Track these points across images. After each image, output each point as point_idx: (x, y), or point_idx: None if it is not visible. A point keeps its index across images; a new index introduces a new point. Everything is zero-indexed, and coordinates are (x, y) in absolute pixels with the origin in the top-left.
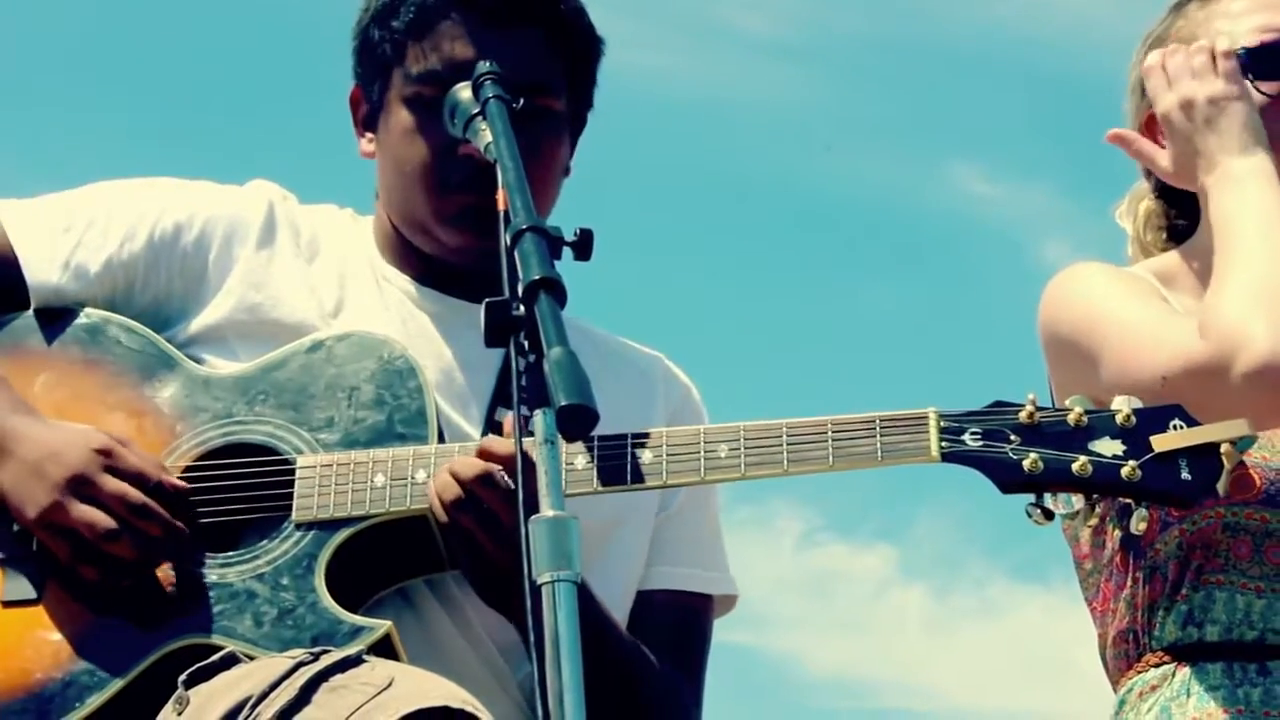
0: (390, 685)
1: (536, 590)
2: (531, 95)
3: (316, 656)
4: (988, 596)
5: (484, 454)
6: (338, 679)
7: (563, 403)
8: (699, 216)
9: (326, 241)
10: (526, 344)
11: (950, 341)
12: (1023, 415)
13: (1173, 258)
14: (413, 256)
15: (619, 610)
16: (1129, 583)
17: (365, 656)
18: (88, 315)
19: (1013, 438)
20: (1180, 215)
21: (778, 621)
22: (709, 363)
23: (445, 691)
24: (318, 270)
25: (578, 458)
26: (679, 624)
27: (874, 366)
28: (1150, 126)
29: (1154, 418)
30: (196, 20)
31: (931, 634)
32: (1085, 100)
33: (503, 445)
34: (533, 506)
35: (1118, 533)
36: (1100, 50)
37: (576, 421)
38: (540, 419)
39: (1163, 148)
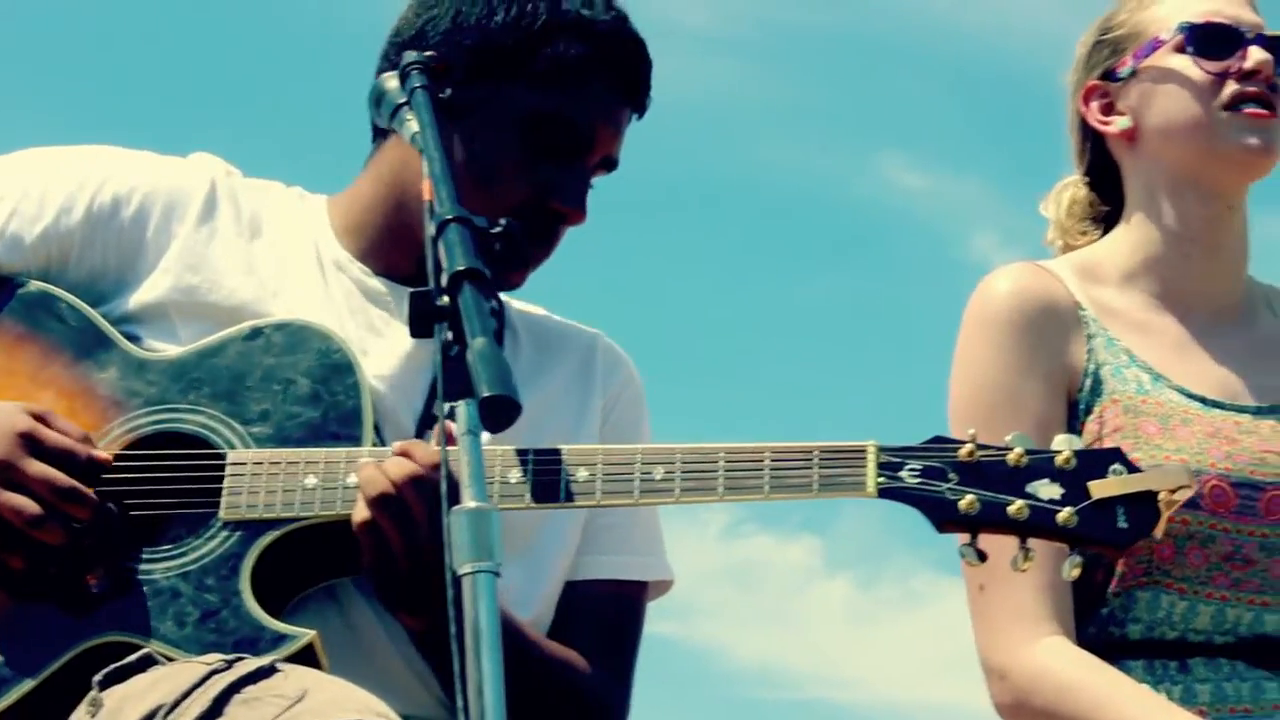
0: (303, 698)
1: (457, 581)
2: (607, 171)
3: (230, 664)
4: (911, 588)
5: (403, 454)
6: (250, 690)
7: (485, 394)
8: (634, 206)
9: (269, 220)
10: (451, 335)
11: (879, 332)
12: (962, 453)
13: (1097, 249)
14: (378, 244)
15: (550, 601)
16: None
17: (279, 666)
18: (26, 287)
19: (951, 476)
20: (1105, 202)
21: (702, 612)
22: (646, 349)
23: (359, 704)
24: (258, 250)
25: (513, 471)
26: (611, 614)
27: (804, 355)
28: (1088, 98)
29: (1094, 461)
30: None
31: (855, 625)
32: (1015, 92)
33: (422, 449)
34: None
35: None
36: (1030, 43)
37: (499, 412)
38: (463, 410)
39: (1104, 120)
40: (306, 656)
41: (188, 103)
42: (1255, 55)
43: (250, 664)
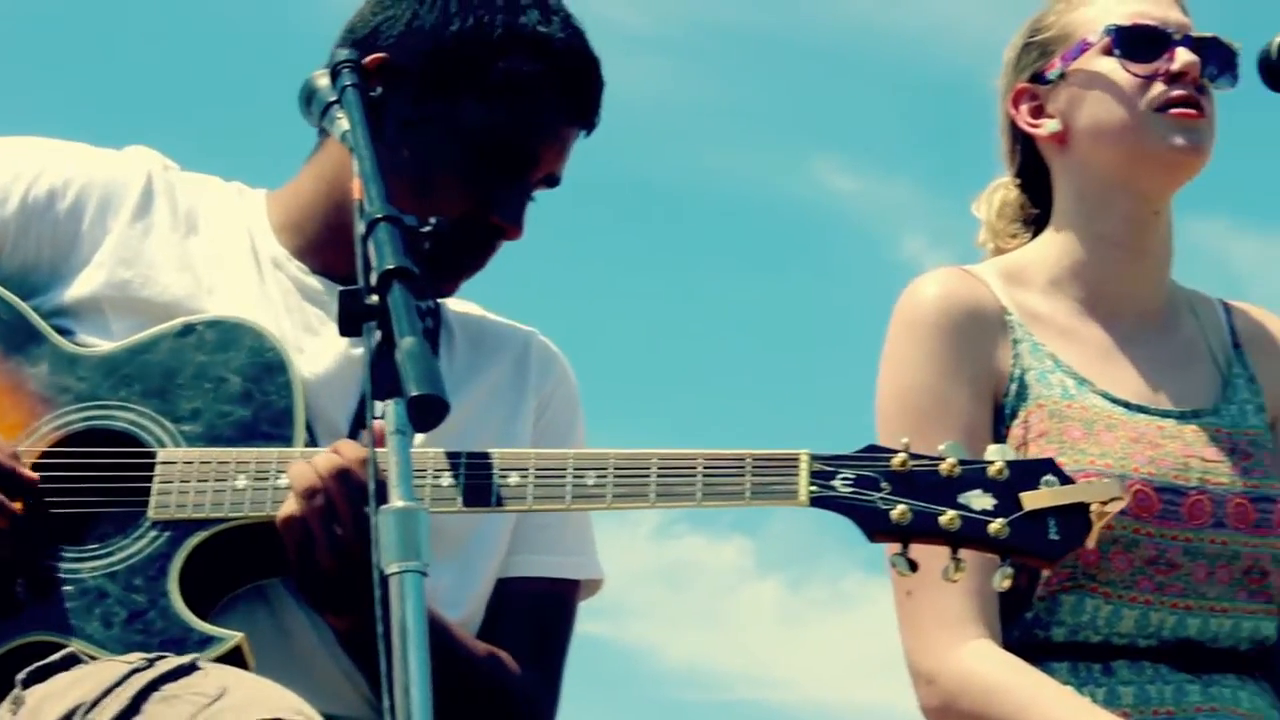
0: (222, 695)
1: (385, 581)
2: (547, 186)
3: (151, 663)
4: (841, 589)
5: (333, 451)
6: (169, 688)
7: (413, 393)
8: (566, 206)
9: (206, 216)
10: (380, 334)
11: (812, 334)
12: (895, 462)
13: (1024, 254)
14: (316, 242)
15: (481, 601)
16: None
17: (200, 664)
18: None
19: (883, 485)
20: (1035, 204)
21: (633, 612)
22: (580, 350)
23: (278, 702)
24: (194, 246)
25: (444, 476)
26: (541, 613)
27: (738, 357)
28: (1017, 100)
29: (1026, 471)
30: None
31: (785, 626)
32: (947, 94)
33: (351, 448)
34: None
35: None
36: (962, 45)
37: (427, 412)
38: (391, 410)
39: (1033, 123)
40: (234, 658)
41: (124, 95)
42: (1182, 57)
43: (171, 662)
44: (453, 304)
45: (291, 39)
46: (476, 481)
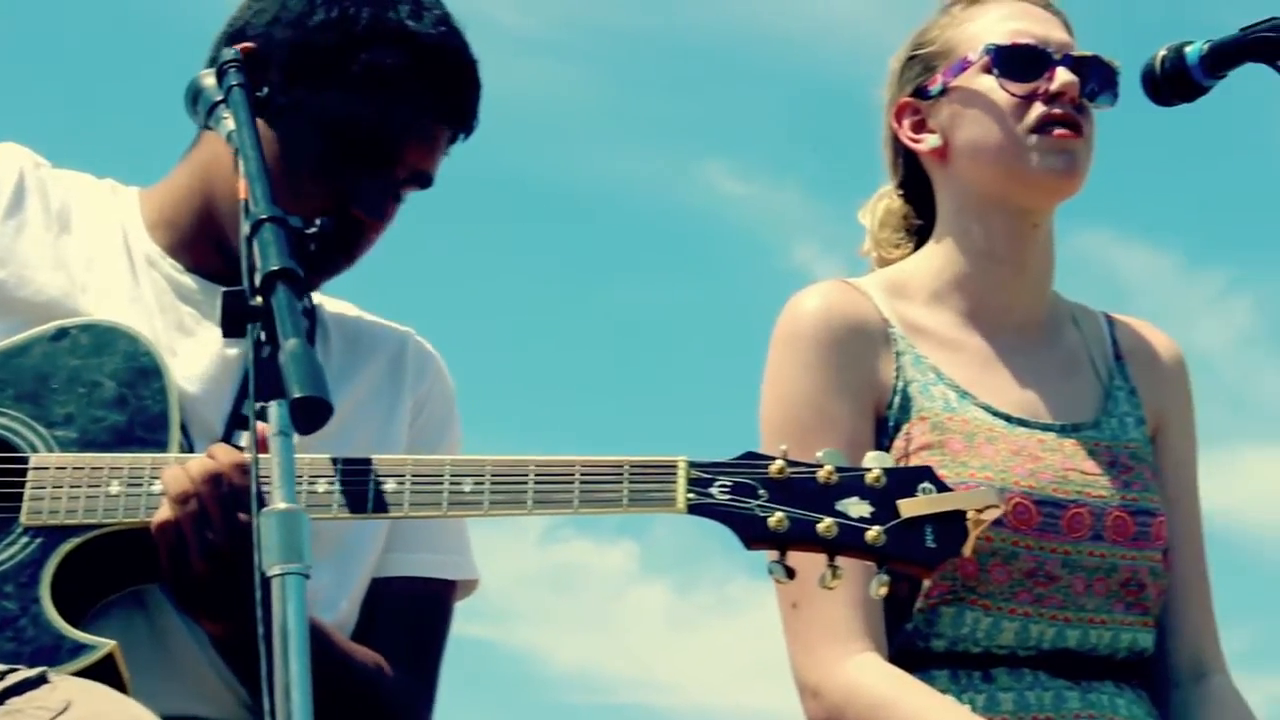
0: (66, 709)
1: (266, 583)
2: (420, 186)
3: (2, 675)
4: (727, 594)
5: (212, 458)
6: (14, 702)
7: (296, 395)
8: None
9: (79, 213)
10: (264, 335)
11: (701, 340)
12: (773, 469)
13: (906, 266)
14: (189, 239)
15: (357, 602)
16: None
17: (50, 677)
18: None
19: (761, 492)
20: (919, 215)
21: (519, 616)
22: (459, 351)
23: (124, 716)
24: (68, 244)
25: (320, 481)
26: (417, 613)
27: (625, 362)
28: (900, 114)
29: (904, 479)
30: None
31: (672, 631)
32: (836, 101)
33: (226, 452)
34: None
35: None
36: (852, 52)
37: (310, 414)
38: (274, 411)
39: (915, 138)
40: (107, 665)
41: None
42: (1061, 77)
43: (19, 675)
44: (329, 304)
45: (171, 35)
46: (353, 488)
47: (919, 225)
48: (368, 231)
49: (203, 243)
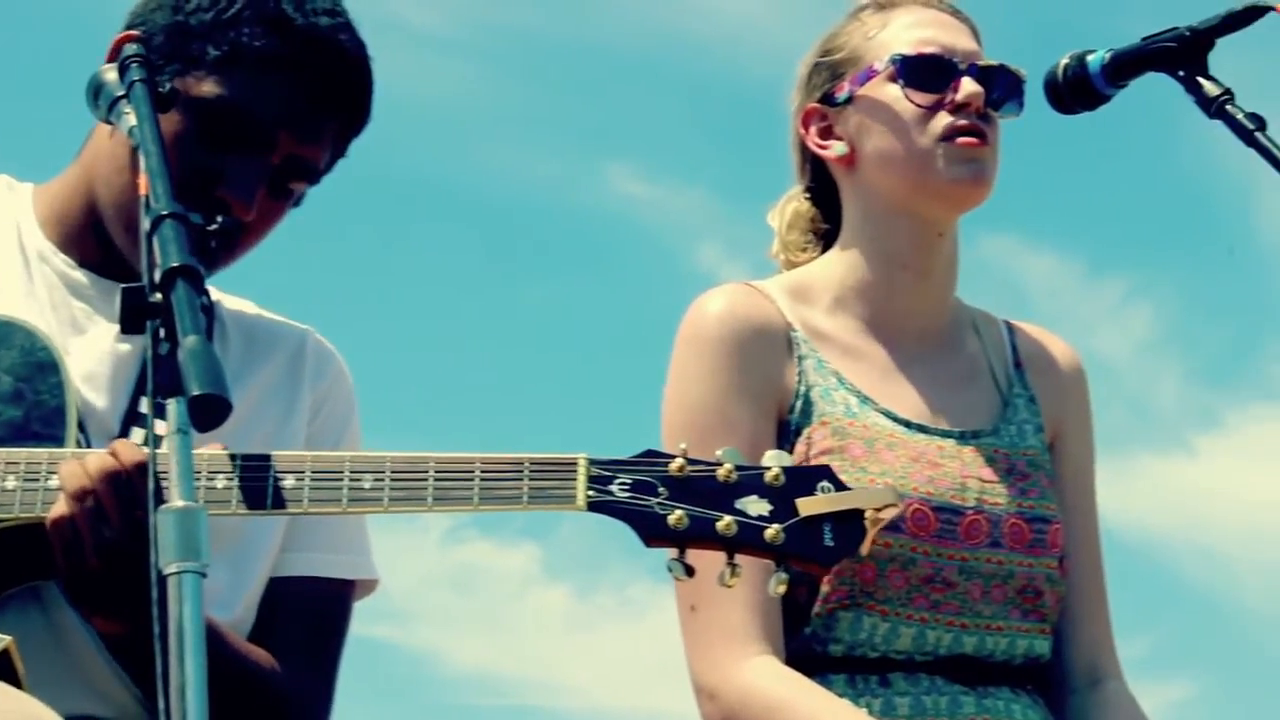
0: None
1: (162, 581)
2: (303, 179)
3: None
4: (628, 596)
5: (113, 454)
6: None
7: (195, 392)
8: (355, 204)
9: None
10: (163, 332)
11: (603, 342)
12: (673, 467)
13: (810, 270)
14: (81, 235)
15: (254, 601)
16: None
17: None
18: None
19: (661, 490)
20: (826, 219)
21: (420, 616)
22: (361, 350)
23: (21, 712)
24: None
25: (219, 477)
26: (314, 612)
27: (527, 362)
28: (807, 120)
29: (803, 478)
30: None
31: (573, 633)
32: (743, 104)
33: (127, 449)
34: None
35: None
36: (758, 54)
37: (209, 411)
38: (173, 408)
39: (822, 144)
40: (2, 661)
41: None
42: (967, 87)
43: None
44: (228, 301)
45: (74, 29)
46: (252, 484)
47: (826, 229)
48: (240, 215)
49: (92, 238)
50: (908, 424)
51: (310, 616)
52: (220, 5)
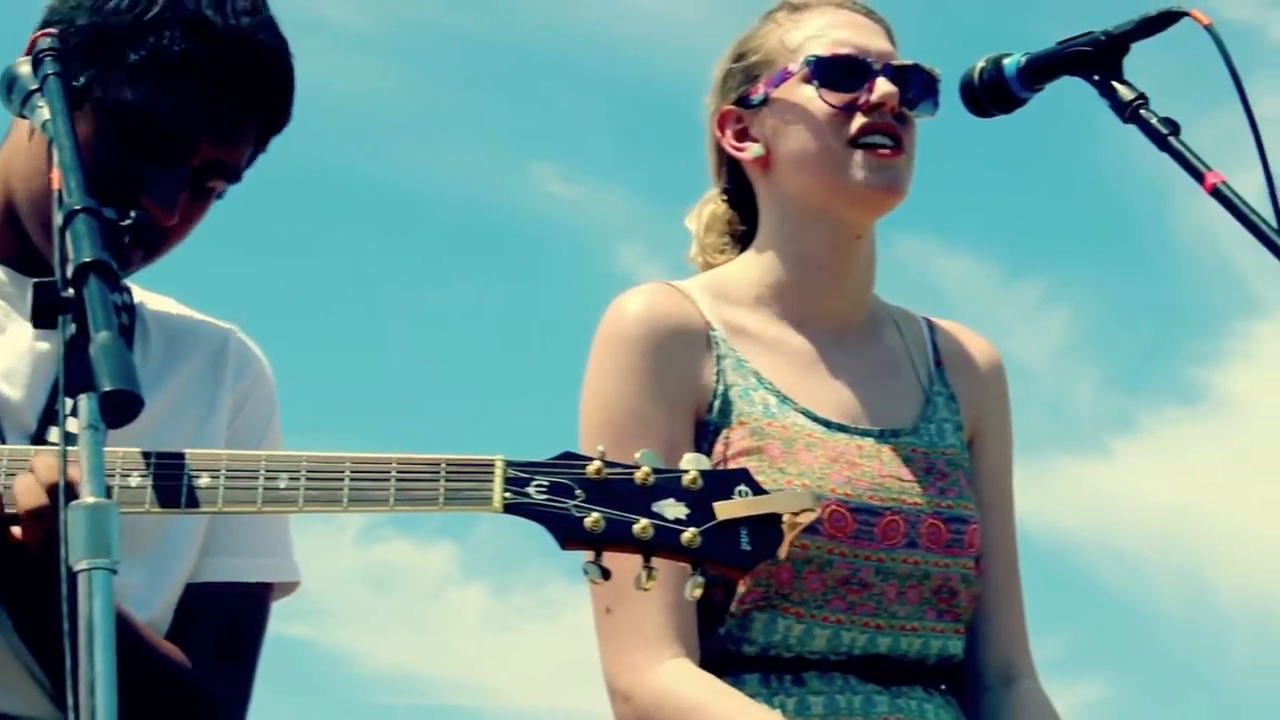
0: None
1: (73, 577)
2: (223, 179)
3: None
4: (546, 596)
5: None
6: None
7: (106, 388)
8: (275, 201)
9: None
10: (75, 327)
11: (524, 342)
12: (590, 469)
13: (729, 270)
14: (2, 234)
15: (172, 603)
16: None
17: None
18: None
19: (578, 493)
20: (743, 221)
21: (336, 615)
22: (283, 347)
23: None
24: None
25: (133, 475)
26: (232, 616)
27: (449, 362)
28: (723, 122)
29: (720, 482)
30: None
31: (490, 632)
32: (663, 105)
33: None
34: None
35: None
36: (679, 56)
37: (119, 407)
38: (84, 404)
39: (737, 146)
40: None
41: None
42: (881, 88)
43: None
44: (150, 300)
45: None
46: (166, 482)
47: (743, 231)
48: (162, 223)
49: (9, 235)
50: (827, 423)
51: (228, 618)
52: (140, 7)
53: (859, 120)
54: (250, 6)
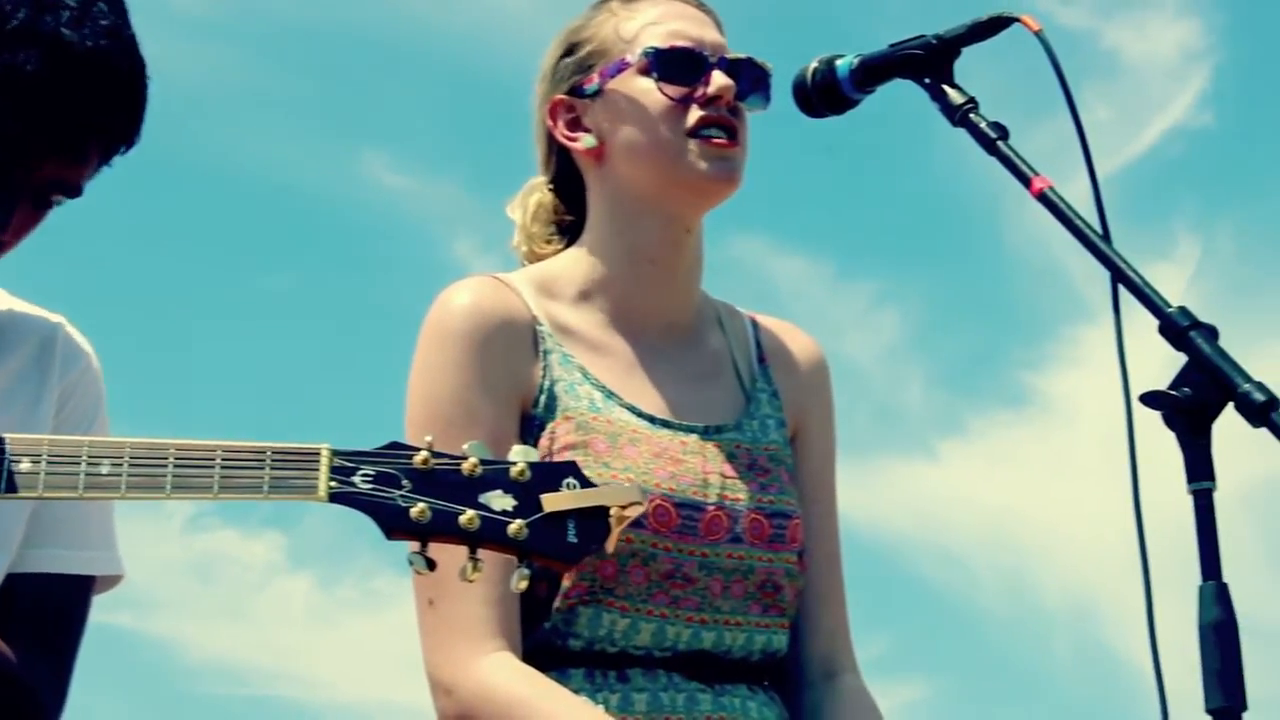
0: None
1: None
2: (65, 194)
3: None
4: (373, 588)
5: None
6: None
7: None
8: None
9: None
10: None
11: (356, 333)
12: (417, 460)
13: (555, 264)
14: None
15: None
16: None
17: None
18: None
19: (404, 483)
20: (570, 211)
21: (160, 604)
22: (115, 337)
23: None
24: None
25: None
26: (52, 607)
27: (277, 351)
28: (554, 112)
29: (548, 474)
30: None
31: (316, 623)
32: (496, 94)
33: None
34: None
35: None
36: (513, 44)
37: None
38: None
39: (570, 136)
40: None
41: None
42: (717, 80)
43: None
44: None
45: None
46: None
47: (570, 221)
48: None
49: None
50: (651, 419)
51: (48, 610)
52: None
53: (696, 113)
54: (111, 27)
